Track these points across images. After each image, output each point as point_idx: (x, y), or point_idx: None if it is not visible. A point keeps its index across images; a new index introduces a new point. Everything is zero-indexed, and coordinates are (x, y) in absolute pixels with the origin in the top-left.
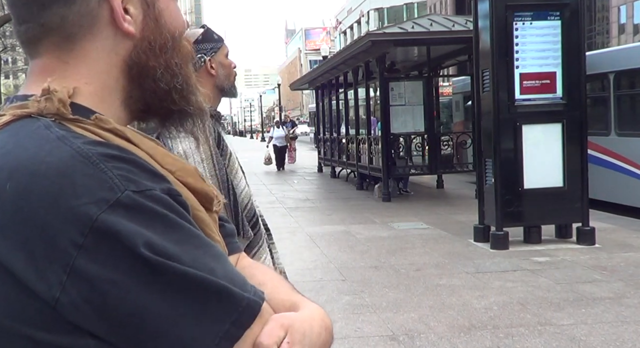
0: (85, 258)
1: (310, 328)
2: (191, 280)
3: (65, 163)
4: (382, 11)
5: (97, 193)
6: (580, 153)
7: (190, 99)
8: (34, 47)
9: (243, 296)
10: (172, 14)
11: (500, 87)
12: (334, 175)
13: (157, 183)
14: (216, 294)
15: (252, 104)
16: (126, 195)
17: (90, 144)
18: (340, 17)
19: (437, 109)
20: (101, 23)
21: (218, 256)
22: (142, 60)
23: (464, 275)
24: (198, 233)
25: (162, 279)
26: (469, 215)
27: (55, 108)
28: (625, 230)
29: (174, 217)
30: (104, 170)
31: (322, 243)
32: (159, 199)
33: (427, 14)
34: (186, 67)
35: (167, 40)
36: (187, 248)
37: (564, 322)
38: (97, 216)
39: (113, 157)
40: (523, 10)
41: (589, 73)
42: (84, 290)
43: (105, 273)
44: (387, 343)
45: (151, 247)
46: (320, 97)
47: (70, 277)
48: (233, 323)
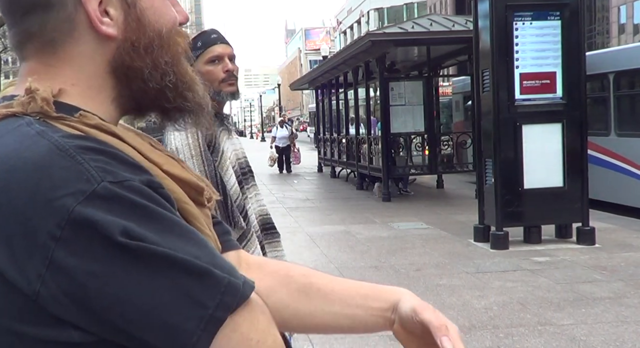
0: (64, 251)
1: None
2: (171, 262)
3: (42, 156)
4: (382, 11)
5: (74, 185)
6: (580, 153)
7: (186, 95)
8: (21, 51)
9: (224, 277)
10: (157, 12)
11: (500, 87)
12: (334, 175)
13: (136, 175)
14: (198, 276)
15: (252, 104)
16: (103, 186)
17: (68, 137)
18: (340, 17)
19: (437, 109)
20: (81, 27)
21: (203, 243)
22: (126, 62)
23: (464, 275)
24: (180, 222)
25: (141, 263)
26: (469, 215)
27: (39, 106)
28: (625, 230)
29: (153, 206)
30: (81, 162)
31: (322, 243)
32: (138, 190)
33: (427, 14)
34: (179, 64)
35: (152, 39)
36: (167, 236)
37: (564, 322)
38: (73, 208)
39: (90, 149)
40: (523, 10)
41: (589, 73)
42: (64, 283)
43: (83, 265)
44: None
45: (129, 235)
46: (320, 97)
47: (49, 269)
48: (217, 306)
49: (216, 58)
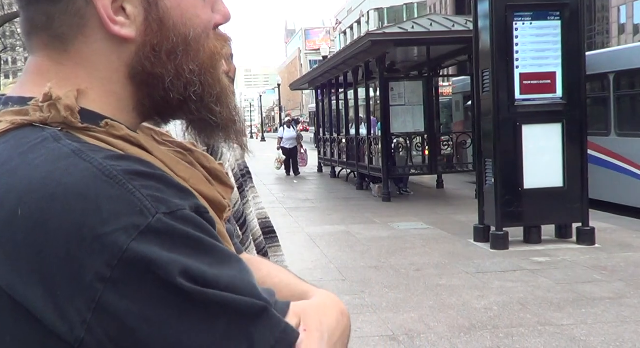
0: (114, 293)
1: (326, 314)
2: (230, 306)
3: (86, 184)
4: (382, 11)
5: (126, 218)
6: (580, 153)
7: (212, 108)
8: (28, 42)
9: (280, 321)
10: (185, 12)
11: (500, 87)
12: (334, 175)
13: (186, 200)
14: (256, 318)
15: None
16: (157, 219)
17: (112, 159)
18: (340, 17)
19: (437, 109)
20: (92, 25)
21: (250, 273)
22: (146, 68)
23: (464, 275)
24: (229, 252)
25: (202, 310)
26: (469, 215)
27: (62, 117)
28: (625, 230)
29: (206, 238)
30: (132, 191)
31: (322, 244)
32: (191, 219)
33: (427, 14)
34: (208, 74)
35: (177, 44)
36: (222, 270)
37: (564, 322)
38: (128, 245)
39: (139, 174)
40: (523, 10)
41: (589, 73)
42: (112, 329)
43: (136, 309)
44: (387, 343)
45: (188, 276)
46: (320, 97)
47: (95, 314)
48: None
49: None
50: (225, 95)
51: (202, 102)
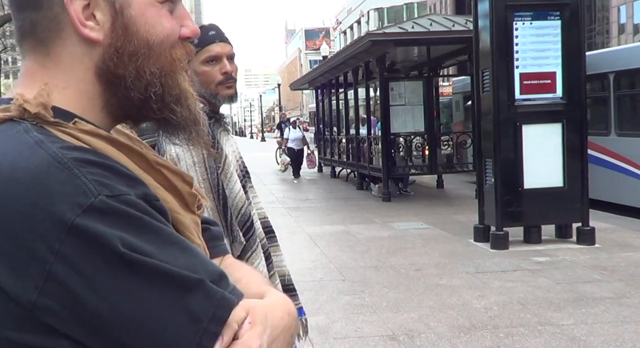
0: (63, 264)
1: (272, 311)
2: (167, 276)
3: (41, 169)
4: (382, 11)
5: (72, 198)
6: (580, 153)
7: (173, 108)
8: (20, 48)
9: (217, 291)
10: (148, 21)
11: (500, 87)
12: (334, 175)
13: (132, 188)
14: (192, 290)
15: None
16: (100, 200)
17: (66, 149)
18: (340, 17)
19: (437, 109)
20: (68, 29)
21: (195, 253)
22: (110, 68)
23: (464, 275)
24: (174, 233)
25: (138, 275)
26: (469, 215)
27: (35, 112)
28: (625, 230)
29: (148, 219)
30: (78, 176)
31: (322, 243)
32: (133, 203)
33: (427, 14)
34: (168, 76)
35: (139, 47)
36: (163, 248)
37: (564, 322)
38: (72, 220)
39: (88, 162)
40: (523, 10)
41: (589, 73)
42: (61, 295)
43: (82, 277)
44: (387, 343)
45: (127, 245)
46: (320, 97)
47: (47, 282)
48: (210, 320)
49: (214, 58)
50: (184, 98)
51: (163, 101)
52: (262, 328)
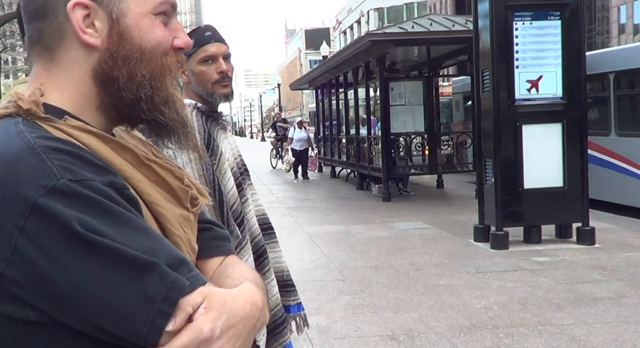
0: (26, 239)
1: (233, 299)
2: (122, 256)
3: (13, 154)
4: (382, 11)
5: (37, 180)
6: (580, 153)
7: (161, 109)
8: (30, 55)
9: (170, 273)
10: (142, 30)
11: (500, 87)
12: (334, 175)
13: (98, 176)
14: (146, 271)
15: (252, 104)
16: (62, 183)
17: (41, 138)
18: (340, 17)
19: (437, 109)
20: (69, 35)
21: (157, 238)
22: (105, 70)
23: (464, 275)
24: (134, 218)
25: (94, 254)
26: (469, 215)
27: (26, 108)
28: (626, 230)
29: (108, 202)
30: (45, 161)
31: (322, 243)
32: (96, 188)
33: (427, 14)
34: (157, 80)
35: (132, 52)
36: (121, 230)
37: (564, 322)
38: (35, 200)
39: (57, 149)
40: (523, 10)
41: (589, 73)
42: (26, 268)
43: (43, 252)
44: (387, 343)
45: (84, 226)
46: (320, 97)
47: (13, 255)
48: (163, 300)
49: (209, 58)
50: (172, 101)
51: (152, 102)
52: (217, 313)
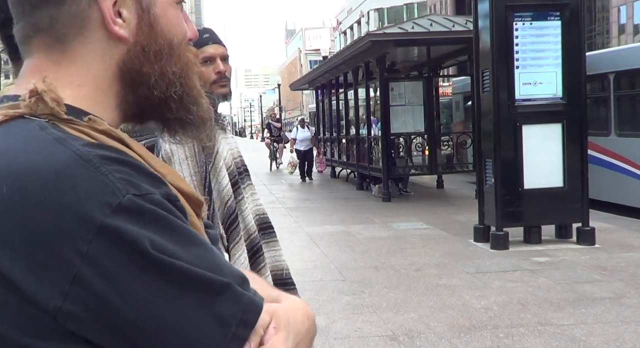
0: (90, 266)
1: (294, 316)
2: (195, 278)
3: (65, 166)
4: (382, 11)
5: (100, 197)
6: (580, 153)
7: (190, 108)
8: (27, 46)
9: (244, 294)
10: (170, 21)
11: (500, 87)
12: (334, 175)
13: (156, 188)
14: (220, 293)
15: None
16: (128, 199)
17: (89, 146)
18: (340, 17)
19: (437, 109)
20: (92, 25)
21: (221, 256)
22: (135, 66)
23: (464, 275)
24: (199, 235)
25: (167, 278)
26: (469, 215)
27: (50, 108)
28: (625, 230)
29: (173, 219)
30: (106, 174)
31: (322, 243)
32: (159, 203)
33: (427, 14)
34: (187, 77)
35: (163, 47)
36: (190, 249)
37: (564, 322)
38: (101, 221)
39: (113, 159)
40: (523, 10)
41: (589, 73)
42: (87, 299)
43: (109, 280)
44: (387, 343)
45: (156, 247)
46: (320, 97)
47: (73, 286)
48: (238, 324)
49: (208, 59)
50: (200, 97)
51: (181, 102)
52: (286, 333)
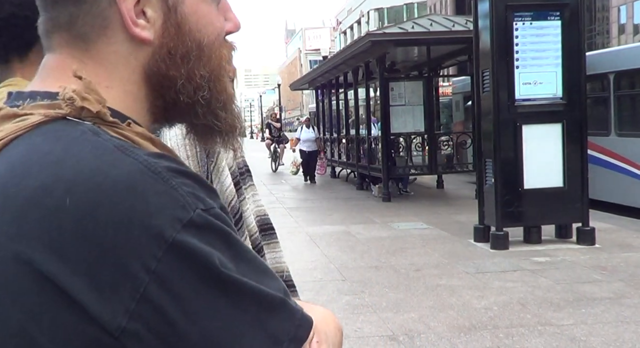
0: (158, 284)
1: (327, 328)
2: (254, 295)
3: (133, 178)
4: (382, 11)
5: (171, 212)
6: (580, 153)
7: (218, 114)
8: (48, 41)
9: (297, 309)
10: (201, 19)
11: (500, 87)
12: (334, 175)
13: (215, 201)
14: (275, 309)
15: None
16: (197, 214)
17: (153, 157)
18: (340, 17)
19: (437, 109)
20: (114, 26)
21: (269, 269)
22: (161, 69)
23: (464, 275)
24: (249, 248)
25: (230, 296)
26: (469, 215)
27: (96, 110)
28: (625, 230)
29: (233, 234)
30: (175, 187)
31: (322, 243)
32: (221, 217)
33: (427, 14)
34: (217, 80)
35: (191, 49)
36: (246, 264)
37: (564, 322)
38: (173, 237)
39: (178, 172)
40: (523, 10)
41: (589, 73)
42: (151, 319)
43: (176, 299)
44: (387, 343)
45: (224, 265)
46: (320, 97)
47: (139, 305)
48: (290, 340)
49: None
50: (230, 103)
51: (209, 107)
52: (326, 347)
